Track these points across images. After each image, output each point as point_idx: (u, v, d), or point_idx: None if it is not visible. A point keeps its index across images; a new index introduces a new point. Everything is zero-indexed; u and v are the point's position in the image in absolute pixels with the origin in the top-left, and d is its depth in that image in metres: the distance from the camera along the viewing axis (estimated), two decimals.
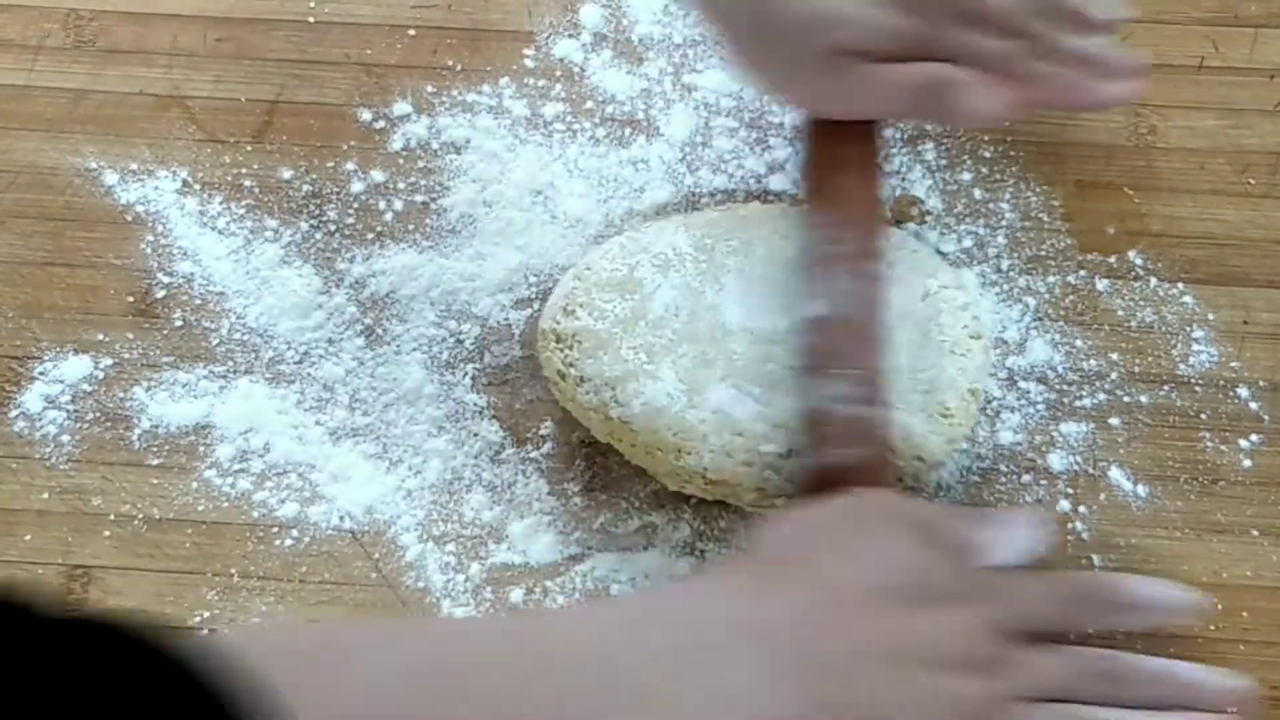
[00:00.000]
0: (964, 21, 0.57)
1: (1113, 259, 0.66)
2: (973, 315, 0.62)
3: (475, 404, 0.64)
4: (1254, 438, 0.63)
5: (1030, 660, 0.52)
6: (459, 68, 0.70)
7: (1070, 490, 0.62)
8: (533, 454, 0.63)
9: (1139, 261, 0.66)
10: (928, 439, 0.59)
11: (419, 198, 0.67)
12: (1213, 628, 0.59)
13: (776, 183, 0.67)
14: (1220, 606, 0.60)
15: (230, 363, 0.65)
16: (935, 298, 0.61)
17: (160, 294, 0.66)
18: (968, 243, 0.66)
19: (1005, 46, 0.57)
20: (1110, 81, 0.58)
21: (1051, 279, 0.65)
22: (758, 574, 0.52)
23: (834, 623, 0.50)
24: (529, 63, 0.70)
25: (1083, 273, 0.65)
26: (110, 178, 0.68)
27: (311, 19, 0.71)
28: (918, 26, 0.57)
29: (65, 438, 0.63)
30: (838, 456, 0.56)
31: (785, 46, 0.57)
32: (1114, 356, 0.64)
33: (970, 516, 0.57)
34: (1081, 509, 0.61)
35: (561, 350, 0.61)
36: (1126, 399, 0.63)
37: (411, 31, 0.71)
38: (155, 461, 0.63)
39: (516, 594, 0.61)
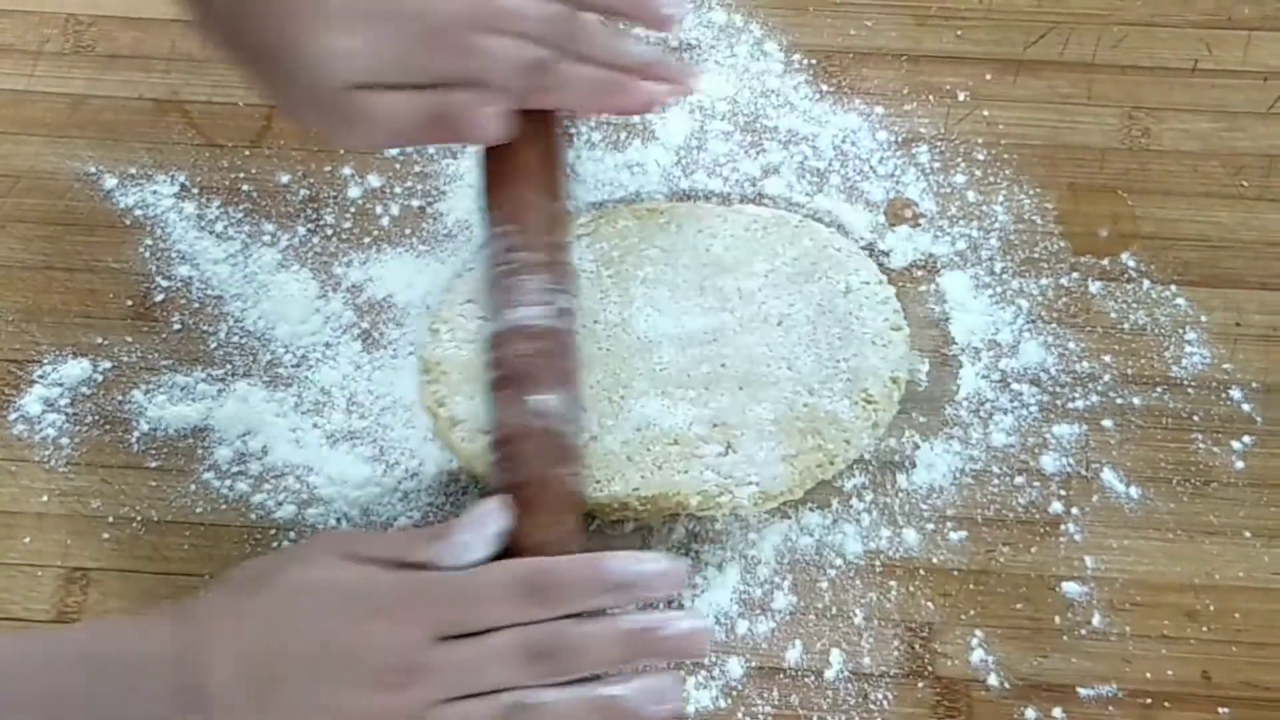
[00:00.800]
0: (488, 32, 0.55)
1: (1106, 261, 0.66)
2: (894, 309, 0.64)
3: None
4: (1246, 439, 0.63)
5: (456, 657, 0.49)
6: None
7: (1063, 492, 0.62)
8: None
9: (1132, 264, 0.66)
10: (853, 423, 0.61)
11: (415, 202, 0.68)
12: (1205, 629, 0.60)
13: (772, 186, 0.67)
14: (1213, 608, 0.60)
15: (228, 366, 0.65)
16: (857, 293, 0.64)
17: (159, 297, 0.66)
18: (961, 245, 0.66)
19: (531, 56, 0.55)
20: (653, 82, 0.57)
21: (1044, 281, 0.66)
22: (187, 610, 0.52)
23: (235, 645, 0.50)
24: None
25: (1076, 275, 0.66)
26: (109, 182, 0.68)
27: None
28: (432, 55, 0.55)
29: (64, 440, 0.64)
30: (536, 473, 0.55)
31: (302, 81, 0.54)
32: (1107, 358, 0.64)
33: (417, 537, 0.54)
34: (1074, 510, 0.62)
35: (431, 384, 0.60)
36: (1119, 401, 0.63)
37: None
38: (154, 464, 0.63)
39: None
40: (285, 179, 0.68)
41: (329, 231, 0.67)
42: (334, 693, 0.49)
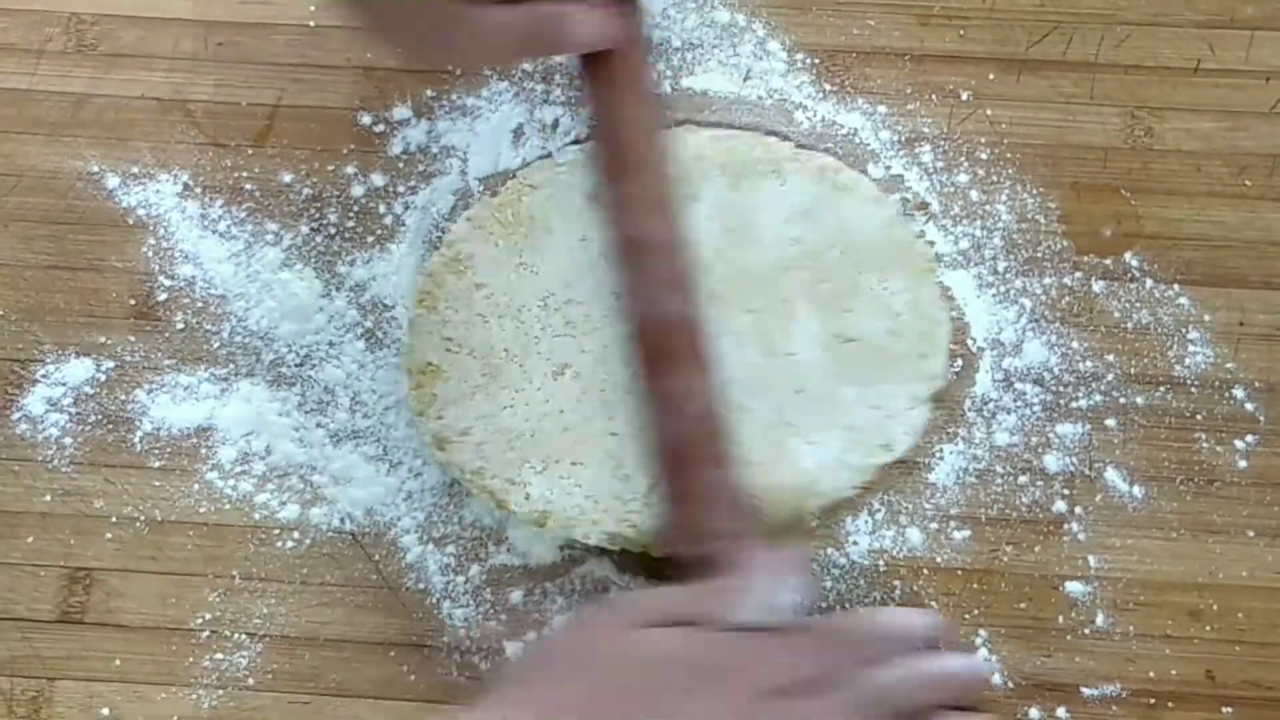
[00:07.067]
0: None
1: (1109, 261, 0.66)
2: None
3: None
4: (1249, 438, 0.63)
5: (798, 714, 0.51)
6: (458, 72, 0.70)
7: (1066, 491, 0.62)
8: None
9: (1135, 263, 0.66)
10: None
11: (420, 201, 0.68)
12: (1209, 628, 0.60)
13: None
14: (1216, 607, 0.60)
15: (231, 365, 0.65)
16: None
17: (162, 297, 0.66)
18: (964, 244, 0.66)
19: None
20: None
21: (1048, 280, 0.66)
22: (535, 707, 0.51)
23: None
24: (528, 67, 0.70)
25: (1079, 274, 0.66)
26: (112, 181, 0.68)
27: (312, 23, 0.71)
28: None
29: (67, 440, 0.64)
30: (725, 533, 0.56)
31: None
32: (1110, 358, 0.64)
33: (706, 594, 0.54)
34: (1078, 510, 0.62)
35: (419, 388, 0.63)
36: (1122, 400, 0.64)
37: None
38: (157, 464, 0.63)
39: (516, 595, 0.61)
40: (288, 178, 0.68)
41: (332, 230, 0.67)
42: None
